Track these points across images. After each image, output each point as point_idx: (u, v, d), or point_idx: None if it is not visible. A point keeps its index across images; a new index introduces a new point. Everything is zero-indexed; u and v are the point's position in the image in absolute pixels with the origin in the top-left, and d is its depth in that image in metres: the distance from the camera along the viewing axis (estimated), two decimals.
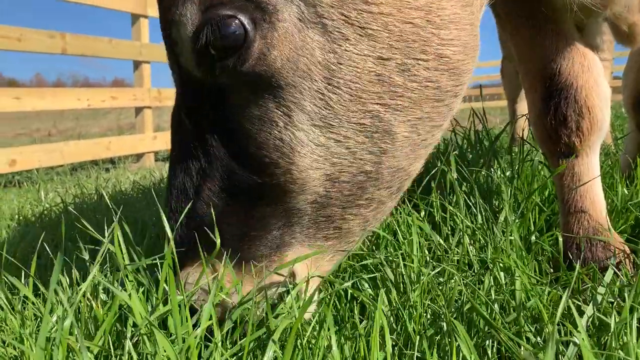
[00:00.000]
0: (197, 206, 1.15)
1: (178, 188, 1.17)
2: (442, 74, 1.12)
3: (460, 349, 0.96)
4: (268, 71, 1.03)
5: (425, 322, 1.18)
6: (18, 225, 2.64)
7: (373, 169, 1.13)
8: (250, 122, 1.07)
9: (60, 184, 4.80)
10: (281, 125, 1.07)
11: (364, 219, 1.21)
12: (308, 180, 1.10)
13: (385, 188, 1.18)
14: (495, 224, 1.39)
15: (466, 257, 1.35)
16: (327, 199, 1.14)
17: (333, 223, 1.17)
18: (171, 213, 1.18)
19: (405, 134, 1.12)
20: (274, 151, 1.07)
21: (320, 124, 1.07)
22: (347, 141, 1.09)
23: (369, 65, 1.05)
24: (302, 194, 1.11)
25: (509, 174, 1.80)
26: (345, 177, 1.12)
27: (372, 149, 1.11)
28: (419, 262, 1.37)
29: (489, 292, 1.19)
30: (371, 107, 1.07)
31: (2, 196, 4.12)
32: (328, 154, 1.09)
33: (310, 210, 1.14)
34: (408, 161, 1.18)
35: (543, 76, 1.57)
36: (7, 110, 5.83)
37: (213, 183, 1.13)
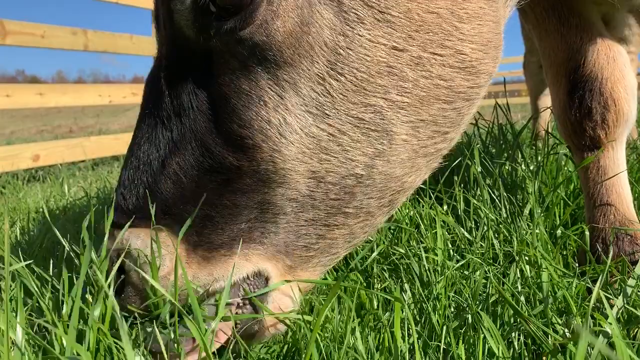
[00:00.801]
0: (160, 180, 1.03)
1: (140, 158, 1.05)
2: (457, 72, 1.04)
3: (487, 341, 0.96)
4: (266, 42, 0.94)
5: (450, 315, 1.18)
6: (43, 218, 2.68)
7: (364, 172, 1.03)
8: (237, 97, 0.97)
9: (83, 179, 4.87)
10: (270, 106, 0.97)
11: (350, 230, 1.09)
12: (291, 173, 0.99)
13: (375, 198, 1.07)
14: (520, 217, 1.38)
15: (491, 251, 1.34)
16: (310, 199, 1.03)
17: (316, 230, 1.06)
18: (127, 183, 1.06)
19: (404, 137, 1.02)
20: (258, 133, 0.97)
21: (315, 112, 0.97)
22: (341, 137, 0.99)
23: (381, 54, 0.96)
24: (282, 187, 1.01)
25: (532, 167, 1.79)
26: (332, 177, 1.02)
27: (367, 150, 1.01)
28: (443, 255, 1.37)
29: (515, 284, 1.18)
30: (374, 100, 0.98)
31: (26, 190, 4.19)
32: (318, 148, 0.99)
33: (289, 209, 1.03)
34: (403, 170, 1.06)
35: (567, 69, 1.55)
36: (31, 105, 5.91)
37: (183, 158, 1.02)
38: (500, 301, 1.16)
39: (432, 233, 1.46)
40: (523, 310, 1.10)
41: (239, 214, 1.02)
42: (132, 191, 1.05)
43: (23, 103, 5.75)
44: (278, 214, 1.03)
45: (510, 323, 1.09)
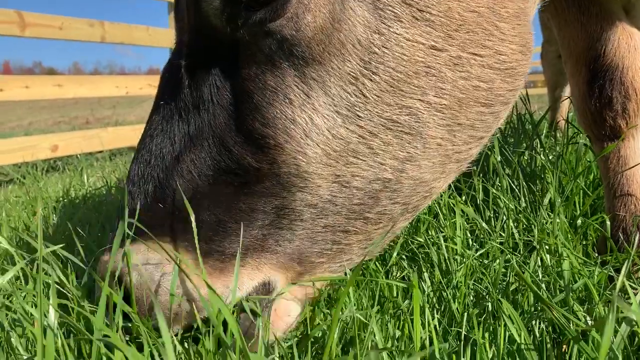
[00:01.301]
0: (172, 178, 0.96)
1: (152, 152, 0.98)
2: (497, 74, 0.99)
3: (507, 327, 0.97)
4: (296, 37, 0.89)
5: (469, 303, 1.18)
6: (64, 207, 2.72)
7: (393, 177, 0.97)
8: (261, 93, 0.92)
9: (101, 169, 4.92)
10: (296, 104, 0.91)
11: (367, 237, 1.04)
12: (313, 177, 0.94)
13: (401, 203, 1.02)
14: (541, 206, 1.38)
15: (510, 240, 1.35)
16: (331, 205, 0.97)
17: (333, 235, 1.00)
18: (137, 179, 0.99)
19: (439, 141, 0.98)
20: (281, 133, 0.91)
21: (345, 113, 0.92)
22: (372, 139, 0.93)
23: (419, 54, 0.92)
24: (302, 192, 0.95)
25: (552, 157, 1.78)
26: (358, 182, 0.96)
27: (398, 153, 0.95)
28: (462, 244, 1.37)
29: (536, 272, 1.19)
30: (410, 102, 0.93)
31: (46, 181, 4.25)
32: (345, 150, 0.93)
33: (308, 215, 0.97)
34: (433, 175, 1.01)
35: (587, 58, 1.54)
36: (49, 97, 5.98)
37: (198, 155, 0.95)
38: (521, 289, 1.16)
39: (451, 222, 1.46)
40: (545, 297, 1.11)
41: (254, 220, 0.96)
42: (140, 189, 0.98)
43: (41, 94, 5.82)
44: (295, 221, 0.97)
45: (530, 311, 1.10)
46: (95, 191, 3.03)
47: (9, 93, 5.42)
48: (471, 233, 1.50)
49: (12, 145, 5.36)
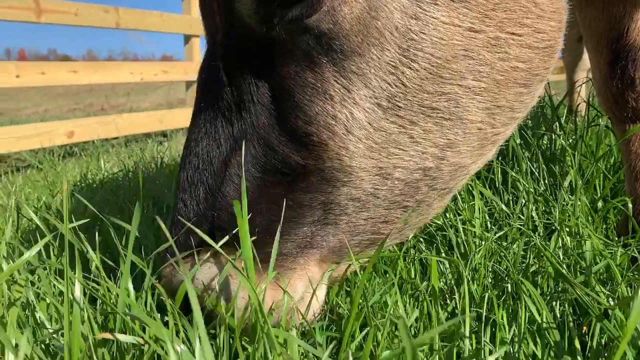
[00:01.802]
0: (221, 182, 0.95)
1: (199, 156, 0.98)
2: (536, 53, 0.96)
3: (528, 308, 0.97)
4: (333, 31, 0.87)
5: (488, 284, 1.18)
6: (82, 190, 2.75)
7: (433, 164, 0.96)
8: (302, 91, 0.91)
9: (116, 155, 4.96)
10: (337, 100, 0.90)
11: (406, 227, 1.05)
12: (357, 171, 0.93)
13: (439, 189, 1.01)
14: (561, 188, 1.37)
15: (530, 222, 1.34)
16: (373, 197, 0.96)
17: (373, 227, 1.00)
18: (187, 185, 0.98)
19: (479, 125, 0.96)
20: (324, 130, 0.91)
21: (385, 104, 0.91)
22: (412, 128, 0.92)
23: (457, 37, 0.89)
24: (347, 187, 0.94)
25: (571, 140, 1.76)
26: (400, 173, 0.95)
27: (439, 141, 0.94)
28: (481, 227, 1.37)
29: (556, 255, 1.18)
30: (449, 88, 0.91)
31: (62, 166, 4.29)
32: (387, 142, 0.92)
33: (352, 208, 0.97)
34: (472, 159, 1.00)
35: (609, 38, 1.51)
36: (65, 83, 6.02)
37: (244, 156, 0.95)
38: (540, 271, 1.16)
39: (470, 205, 1.46)
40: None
41: (303, 218, 0.96)
42: (192, 195, 0.97)
43: (57, 80, 5.86)
44: (340, 215, 0.96)
45: (550, 292, 1.09)
46: (112, 176, 3.06)
47: (26, 79, 5.46)
48: (490, 216, 1.49)
49: (28, 131, 5.41)
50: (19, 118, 13.11)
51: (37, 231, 1.12)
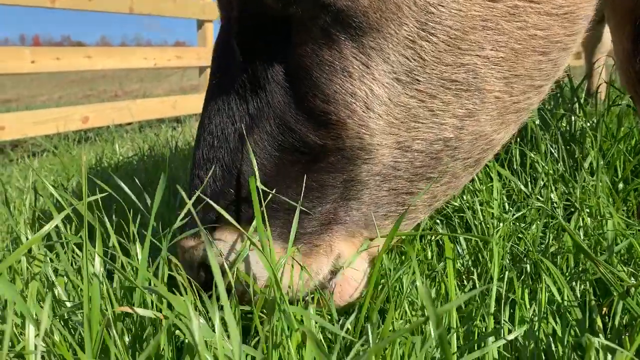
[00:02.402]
0: (237, 159, 0.95)
1: (214, 134, 0.97)
2: (554, 20, 0.94)
3: (549, 288, 0.95)
4: (351, 8, 0.86)
5: (507, 265, 1.17)
6: (97, 174, 2.77)
7: (453, 135, 0.96)
8: (319, 68, 0.90)
9: (130, 140, 4.98)
10: (356, 77, 0.89)
11: (431, 194, 1.04)
12: (377, 147, 0.93)
13: (462, 159, 1.01)
14: (582, 169, 1.35)
15: (549, 203, 1.32)
16: (394, 170, 0.96)
17: (397, 198, 1.00)
18: (202, 162, 0.98)
19: (497, 94, 0.95)
20: (343, 108, 0.90)
21: (405, 79, 0.90)
22: (432, 101, 0.92)
23: (476, 8, 0.88)
24: (368, 164, 0.94)
25: (590, 122, 1.73)
26: (419, 145, 0.95)
27: (457, 111, 0.94)
28: (499, 208, 1.35)
29: (577, 234, 1.16)
30: (468, 59, 0.90)
31: (77, 151, 4.32)
32: (406, 116, 0.92)
33: (372, 183, 0.97)
34: (492, 127, 0.99)
35: (632, 14, 1.48)
36: (79, 68, 6.04)
37: (260, 134, 0.94)
38: (560, 251, 1.14)
39: (488, 186, 1.44)
40: (584, 260, 1.09)
41: (324, 196, 0.96)
42: (208, 171, 0.97)
43: (71, 66, 5.88)
44: (362, 190, 0.97)
45: (570, 272, 1.08)
46: (127, 160, 3.07)
47: (41, 65, 5.48)
48: (508, 198, 1.47)
49: (44, 116, 5.45)
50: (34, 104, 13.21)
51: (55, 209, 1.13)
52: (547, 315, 0.92)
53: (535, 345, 0.86)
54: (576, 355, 0.87)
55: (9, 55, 5.25)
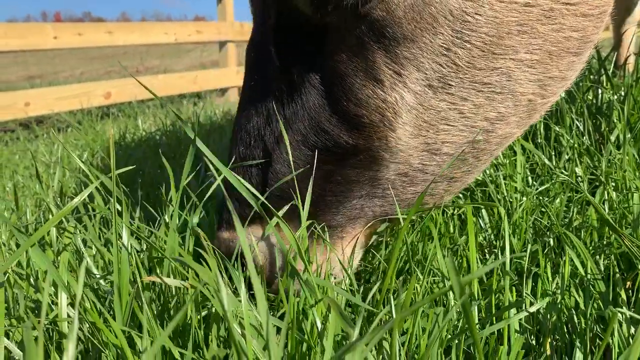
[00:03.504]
0: (273, 158, 0.99)
1: (250, 133, 1.01)
2: (590, 20, 0.94)
3: (572, 261, 0.95)
4: (386, 19, 0.87)
5: (529, 238, 1.17)
6: (121, 148, 2.80)
7: (482, 137, 0.97)
8: (353, 75, 0.92)
9: (153, 115, 5.02)
10: (387, 85, 0.91)
11: (450, 193, 1.07)
12: (405, 150, 0.95)
13: (484, 160, 1.02)
14: (608, 142, 1.33)
15: (574, 177, 1.31)
16: (420, 173, 0.99)
17: (417, 196, 1.03)
18: (239, 160, 1.02)
19: (530, 97, 0.95)
20: (374, 112, 0.93)
21: (436, 85, 0.91)
22: (463, 104, 0.92)
23: (513, 14, 0.88)
24: (395, 164, 0.97)
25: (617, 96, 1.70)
26: (448, 148, 0.96)
27: (489, 114, 0.94)
28: (523, 182, 1.34)
29: (602, 205, 1.15)
30: (501, 63, 0.90)
31: (101, 126, 4.37)
32: (436, 119, 0.93)
33: (399, 183, 1.00)
34: (520, 128, 1.00)
35: None
36: (101, 44, 6.08)
37: (294, 135, 0.98)
38: (584, 225, 1.14)
39: (511, 160, 1.43)
40: (609, 234, 1.08)
41: (352, 193, 1.00)
42: (244, 170, 1.01)
43: (93, 41, 5.92)
44: (387, 189, 1.00)
45: (594, 246, 1.07)
46: (150, 135, 3.10)
47: (63, 41, 5.53)
48: (531, 172, 1.46)
49: (67, 92, 5.52)
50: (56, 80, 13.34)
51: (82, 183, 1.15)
52: (570, 288, 0.92)
53: (558, 318, 0.86)
54: (599, 328, 0.88)
55: (32, 31, 5.30)
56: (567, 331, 0.87)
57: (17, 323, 0.81)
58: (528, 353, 0.85)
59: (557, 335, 0.85)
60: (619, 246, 1.04)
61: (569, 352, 0.84)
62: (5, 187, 2.57)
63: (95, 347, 0.78)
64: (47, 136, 4.61)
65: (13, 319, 0.81)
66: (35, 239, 0.68)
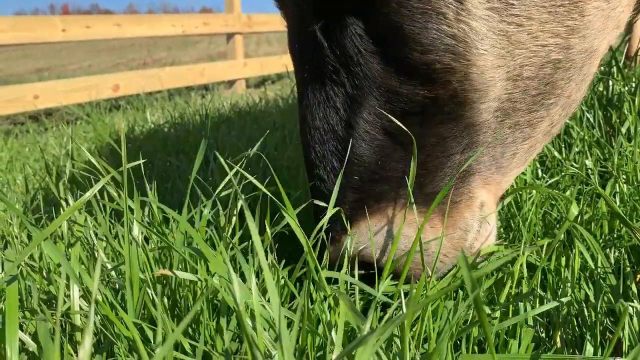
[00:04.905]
0: (352, 145, 0.91)
1: (320, 128, 0.94)
2: None
3: (583, 255, 0.95)
4: None
5: (539, 231, 1.16)
6: (130, 141, 2.81)
7: (561, 56, 0.90)
8: (410, 20, 0.84)
9: (161, 107, 5.03)
10: (451, 17, 0.83)
11: (550, 120, 0.99)
12: (491, 84, 0.88)
13: (576, 80, 0.95)
14: (619, 134, 1.32)
15: (584, 169, 1.30)
16: (510, 102, 0.91)
17: (521, 133, 0.96)
18: (318, 162, 0.95)
19: (594, 4, 0.88)
20: (445, 53, 0.84)
21: (498, 6, 0.84)
22: (530, 23, 0.86)
23: None
24: (485, 102, 0.89)
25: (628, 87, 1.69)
26: (528, 71, 0.89)
27: (557, 29, 0.87)
28: (532, 174, 1.34)
29: (613, 200, 1.15)
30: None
31: (109, 118, 4.38)
32: (510, 45, 0.87)
33: (493, 121, 0.92)
34: (599, 40, 0.93)
35: None
36: (109, 36, 6.10)
37: (367, 110, 0.90)
38: (594, 218, 1.13)
39: None
40: (620, 227, 1.08)
41: (450, 150, 0.92)
42: (327, 168, 0.94)
43: (101, 34, 5.94)
44: (486, 132, 0.92)
45: (605, 239, 1.07)
46: (158, 127, 3.11)
47: (71, 33, 5.55)
48: (541, 164, 1.46)
49: (76, 84, 5.54)
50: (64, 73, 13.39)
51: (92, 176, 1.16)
52: (580, 281, 0.92)
53: (568, 311, 0.86)
54: (609, 321, 0.87)
55: (40, 24, 5.32)
56: (577, 324, 0.87)
57: (31, 315, 0.82)
58: (538, 346, 0.85)
59: (567, 329, 0.85)
60: (629, 239, 1.03)
61: (579, 345, 0.84)
62: (15, 179, 2.59)
63: (107, 339, 0.79)
64: (56, 129, 4.63)
65: (27, 311, 0.82)
66: (47, 232, 0.68)
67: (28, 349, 0.75)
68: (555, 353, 0.80)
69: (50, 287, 0.91)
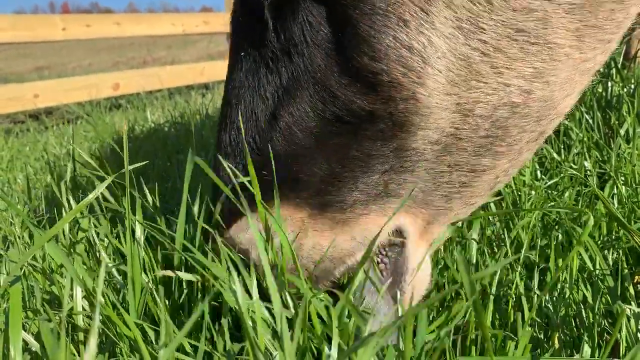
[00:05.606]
0: (271, 139, 0.85)
1: (243, 114, 0.87)
2: None
3: (581, 255, 0.96)
4: None
5: (537, 233, 1.17)
6: (130, 141, 2.82)
7: (520, 100, 0.81)
8: (369, 20, 0.76)
9: (161, 106, 5.03)
10: (412, 27, 0.75)
11: (495, 174, 0.89)
12: (436, 110, 0.79)
13: (529, 131, 0.86)
14: (617, 136, 1.33)
15: (582, 171, 1.31)
16: (454, 139, 0.82)
17: (459, 176, 0.87)
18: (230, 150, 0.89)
19: (566, 50, 0.80)
20: (396, 65, 0.76)
21: (467, 27, 0.76)
22: (495, 55, 0.77)
23: None
24: (424, 130, 0.80)
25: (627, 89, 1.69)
26: (482, 109, 0.80)
27: (524, 70, 0.79)
28: (531, 175, 1.35)
29: (611, 202, 1.16)
30: (538, 4, 0.76)
31: (109, 117, 4.39)
32: (468, 73, 0.78)
33: (430, 154, 0.83)
34: (562, 92, 0.84)
35: None
36: (109, 35, 6.09)
37: (296, 107, 0.83)
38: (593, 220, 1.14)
39: None
40: (618, 228, 1.08)
41: (372, 167, 0.84)
42: (236, 158, 0.88)
43: (101, 33, 5.93)
44: (417, 161, 0.83)
45: (603, 241, 1.08)
46: (159, 126, 3.12)
47: (71, 32, 5.54)
48: (540, 165, 1.46)
49: (76, 83, 5.54)
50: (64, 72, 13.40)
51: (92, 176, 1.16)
52: (578, 282, 0.93)
53: (566, 312, 0.87)
54: (607, 323, 0.88)
55: (40, 23, 5.32)
56: (575, 325, 0.88)
57: (34, 315, 0.82)
58: (536, 347, 0.86)
59: (565, 330, 0.86)
60: (627, 240, 1.04)
61: (577, 346, 0.85)
62: (16, 178, 2.60)
63: (109, 339, 0.80)
64: (56, 128, 4.64)
65: (29, 312, 0.83)
66: (50, 234, 0.69)
67: (31, 349, 0.76)
68: (553, 354, 0.81)
69: (53, 288, 0.91)
